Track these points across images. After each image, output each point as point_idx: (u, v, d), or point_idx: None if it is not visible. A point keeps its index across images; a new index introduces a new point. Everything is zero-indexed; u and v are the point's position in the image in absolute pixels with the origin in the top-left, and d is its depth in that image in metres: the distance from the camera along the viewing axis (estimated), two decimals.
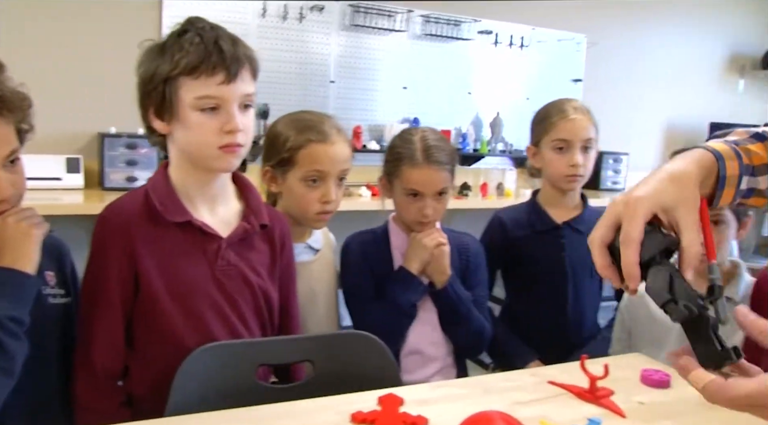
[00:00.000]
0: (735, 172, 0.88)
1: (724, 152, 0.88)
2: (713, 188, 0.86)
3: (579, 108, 1.78)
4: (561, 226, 1.79)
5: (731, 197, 0.89)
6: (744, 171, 0.89)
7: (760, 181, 0.91)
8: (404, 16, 3.61)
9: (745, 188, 0.90)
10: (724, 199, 0.89)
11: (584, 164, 1.75)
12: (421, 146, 1.55)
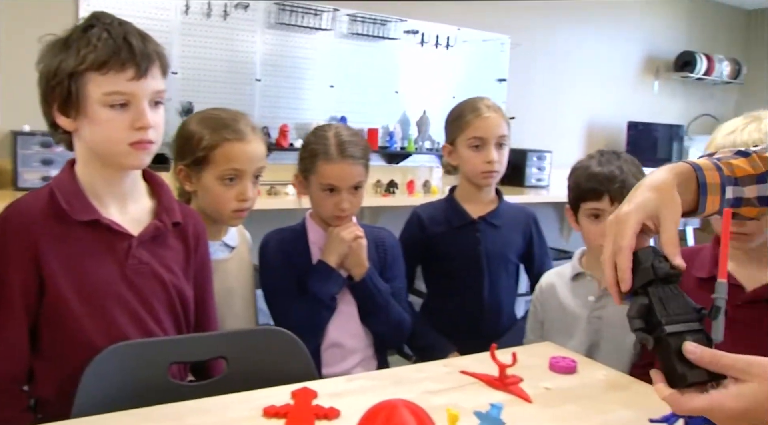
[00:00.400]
0: (716, 180, 0.95)
1: (702, 164, 0.96)
2: (696, 195, 0.93)
3: (491, 106, 1.83)
4: (477, 221, 1.85)
5: (717, 204, 0.96)
6: (726, 181, 0.96)
7: (745, 191, 0.98)
8: (330, 14, 3.62)
9: (731, 197, 0.97)
10: (710, 206, 0.95)
11: (499, 160, 1.81)
12: (335, 141, 1.57)
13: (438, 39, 4.03)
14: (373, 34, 3.78)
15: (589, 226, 1.58)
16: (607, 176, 1.53)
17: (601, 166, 1.55)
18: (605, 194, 1.53)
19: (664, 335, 0.82)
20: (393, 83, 3.92)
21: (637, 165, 1.59)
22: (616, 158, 1.57)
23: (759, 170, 1.00)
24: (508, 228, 1.87)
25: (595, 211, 1.56)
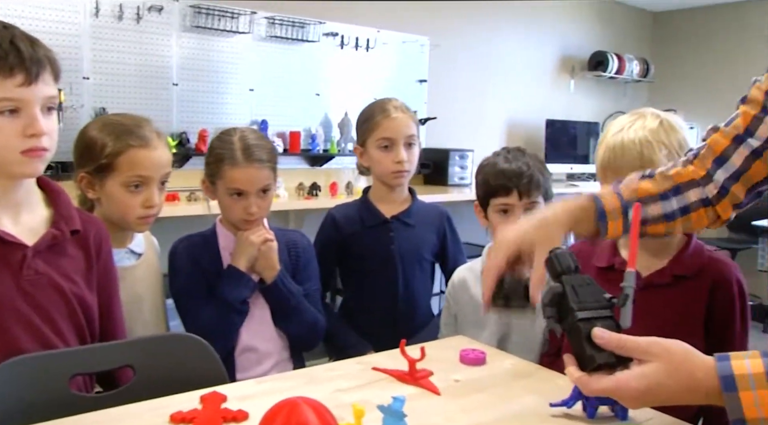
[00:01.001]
0: (615, 206, 1.06)
1: (603, 193, 1.07)
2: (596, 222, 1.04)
3: (399, 107, 1.86)
4: (390, 220, 1.88)
5: (620, 227, 1.06)
6: (627, 205, 1.05)
7: (648, 210, 1.07)
8: (248, 17, 3.59)
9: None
10: (613, 230, 1.06)
11: (409, 159, 1.85)
12: (240, 145, 1.57)
13: (358, 41, 4.05)
14: (292, 37, 3.77)
15: (498, 221, 1.62)
16: (516, 171, 1.57)
17: (509, 162, 1.59)
18: (514, 190, 1.57)
19: (575, 321, 0.88)
20: (314, 86, 3.92)
21: (541, 161, 1.65)
22: (521, 155, 1.62)
23: (662, 188, 1.09)
24: (421, 227, 1.91)
25: (505, 206, 1.60)
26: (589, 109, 5.55)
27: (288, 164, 3.79)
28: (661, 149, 1.32)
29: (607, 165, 1.37)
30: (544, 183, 1.59)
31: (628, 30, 5.92)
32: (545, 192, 1.60)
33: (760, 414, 0.77)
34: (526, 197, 1.57)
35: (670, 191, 1.10)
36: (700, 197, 1.10)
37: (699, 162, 1.12)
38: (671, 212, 1.09)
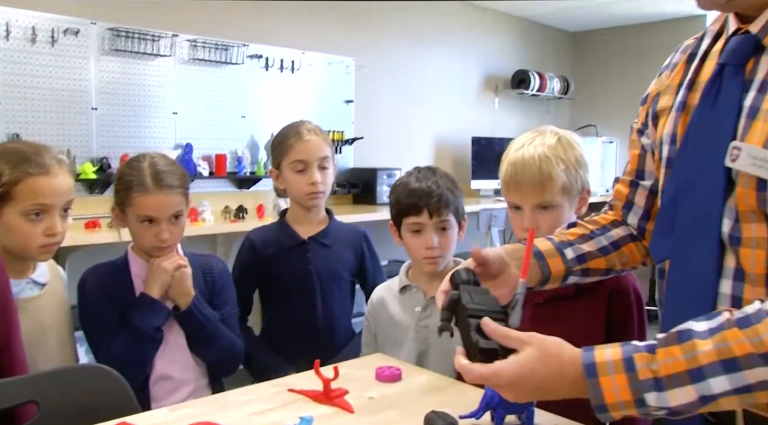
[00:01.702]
0: (550, 247, 1.14)
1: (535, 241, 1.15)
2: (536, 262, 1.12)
3: (313, 129, 1.89)
4: (307, 241, 1.89)
5: (561, 264, 1.14)
6: (560, 246, 1.15)
7: (584, 247, 1.16)
8: (169, 40, 3.55)
9: (574, 256, 1.15)
10: (555, 268, 1.14)
11: (323, 180, 1.87)
12: (150, 171, 1.55)
13: (283, 63, 4.06)
14: (216, 60, 3.75)
15: (411, 240, 1.65)
16: (425, 191, 1.61)
17: (419, 182, 1.63)
18: (424, 209, 1.61)
19: (466, 315, 0.94)
20: (239, 108, 3.90)
21: (452, 180, 1.69)
22: (432, 174, 1.65)
23: (589, 230, 1.20)
24: (339, 246, 1.93)
25: (416, 226, 1.63)
26: (514, 125, 5.71)
27: (214, 187, 3.75)
28: (558, 164, 1.39)
29: (509, 179, 1.42)
30: (454, 202, 1.63)
31: (548, 49, 6.13)
32: (455, 210, 1.64)
33: (617, 398, 0.81)
34: (437, 215, 1.60)
35: (597, 230, 1.20)
36: (626, 233, 1.19)
37: (613, 211, 1.23)
38: (604, 247, 1.18)
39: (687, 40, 1.12)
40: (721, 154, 0.90)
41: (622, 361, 0.82)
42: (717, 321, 0.81)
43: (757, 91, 0.89)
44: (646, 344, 0.84)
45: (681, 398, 0.79)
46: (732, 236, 0.91)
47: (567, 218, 1.41)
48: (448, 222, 1.63)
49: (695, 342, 0.80)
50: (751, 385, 0.77)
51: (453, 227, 1.66)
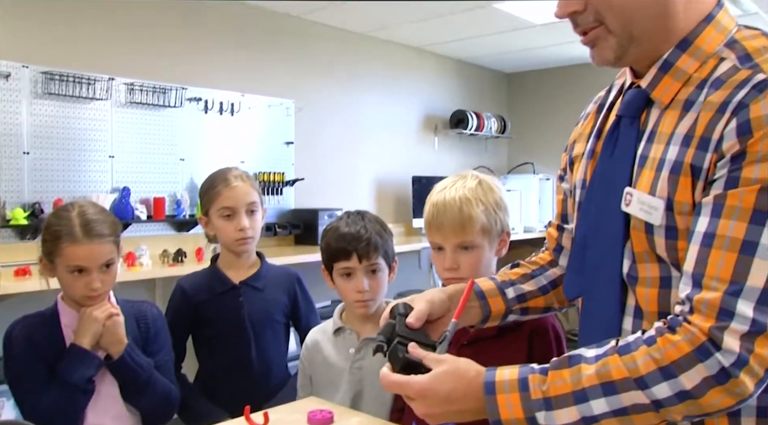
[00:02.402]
0: (492, 286, 1.21)
1: (479, 281, 1.21)
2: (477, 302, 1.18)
3: (239, 175, 1.91)
4: (239, 285, 1.90)
5: (501, 303, 1.21)
6: (502, 285, 1.22)
7: (524, 287, 1.23)
8: (105, 84, 3.53)
9: (514, 295, 1.22)
10: (496, 307, 1.20)
11: (251, 226, 1.90)
12: (79, 221, 1.55)
13: (222, 105, 4.08)
14: (154, 103, 3.74)
15: (342, 284, 1.68)
16: (354, 235, 1.64)
17: (348, 227, 1.66)
18: (353, 253, 1.64)
19: (397, 341, 1.02)
20: (178, 151, 3.89)
21: (381, 223, 1.73)
22: (360, 219, 1.69)
23: (530, 270, 1.27)
24: (271, 290, 1.94)
25: (346, 270, 1.66)
26: (454, 164, 5.83)
27: (152, 231, 3.71)
28: (478, 206, 1.46)
29: (431, 220, 1.48)
30: (383, 245, 1.66)
31: (485, 90, 6.33)
32: (385, 253, 1.68)
33: (511, 415, 0.89)
34: (366, 259, 1.64)
35: (537, 270, 1.28)
36: (561, 272, 1.25)
37: (548, 252, 1.30)
38: (543, 286, 1.26)
39: (600, 91, 1.21)
40: (620, 199, 0.97)
41: (518, 381, 0.89)
42: (603, 348, 0.88)
43: (647, 141, 0.96)
44: (541, 366, 0.91)
45: (566, 418, 0.86)
46: (630, 276, 0.98)
47: (487, 259, 1.47)
48: (378, 265, 1.67)
49: (581, 366, 0.87)
50: (627, 408, 0.84)
51: (383, 270, 1.70)
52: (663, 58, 0.95)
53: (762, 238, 0.80)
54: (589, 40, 0.98)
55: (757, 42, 0.91)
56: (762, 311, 0.79)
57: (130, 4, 3.68)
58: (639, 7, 0.93)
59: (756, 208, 0.81)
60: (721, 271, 0.82)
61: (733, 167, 0.83)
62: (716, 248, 0.83)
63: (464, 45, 5.42)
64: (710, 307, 0.82)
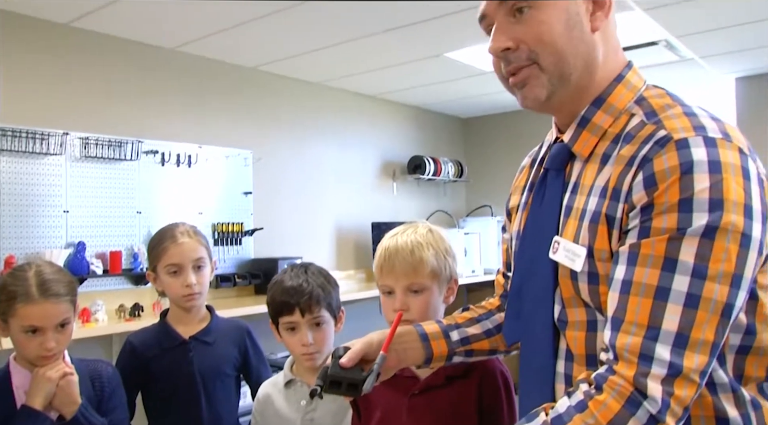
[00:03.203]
0: (436, 329, 1.25)
1: (424, 324, 1.27)
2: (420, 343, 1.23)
3: (187, 231, 1.93)
4: (188, 341, 1.91)
5: (445, 346, 1.25)
6: (447, 329, 1.26)
7: (469, 331, 1.28)
8: (60, 138, 3.53)
9: (458, 338, 1.26)
10: (438, 349, 1.24)
11: (199, 282, 1.91)
12: (35, 281, 1.55)
13: (179, 158, 4.09)
14: (110, 157, 3.74)
15: (288, 338, 1.68)
16: (297, 289, 1.65)
17: (291, 280, 1.67)
18: (296, 307, 1.64)
19: (329, 381, 1.11)
20: (135, 204, 3.88)
21: (325, 275, 1.74)
22: (303, 272, 1.70)
23: (477, 314, 1.33)
24: (221, 343, 1.95)
25: (291, 324, 1.67)
26: (413, 209, 5.91)
27: (108, 286, 3.66)
28: (429, 249, 1.51)
29: (383, 263, 1.53)
30: (326, 298, 1.68)
31: (442, 135, 6.46)
32: (329, 306, 1.69)
33: None
34: (309, 313, 1.65)
35: (484, 315, 1.33)
36: None
37: (496, 297, 1.37)
38: (489, 330, 1.31)
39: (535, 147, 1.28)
40: (549, 247, 1.03)
41: None
42: (535, 424, 0.91)
43: (571, 192, 1.03)
44: None
45: None
46: (560, 321, 1.03)
47: (436, 303, 1.51)
48: (322, 318, 1.67)
49: None
50: None
51: (328, 322, 1.70)
52: (581, 114, 1.03)
53: (673, 284, 0.85)
54: (520, 79, 1.03)
55: (661, 100, 0.99)
56: (677, 353, 0.84)
57: (84, 58, 3.71)
58: (570, 47, 0.99)
59: (667, 256, 0.86)
60: (639, 317, 0.87)
61: (644, 218, 0.89)
62: (633, 295, 0.88)
63: (420, 92, 5.56)
64: (631, 352, 0.87)
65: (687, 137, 0.89)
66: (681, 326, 0.84)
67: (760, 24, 3.80)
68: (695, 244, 0.85)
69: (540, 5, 0.99)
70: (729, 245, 0.85)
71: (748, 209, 0.86)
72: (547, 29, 0.98)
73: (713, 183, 0.85)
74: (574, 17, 0.99)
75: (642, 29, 3.85)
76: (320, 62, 4.50)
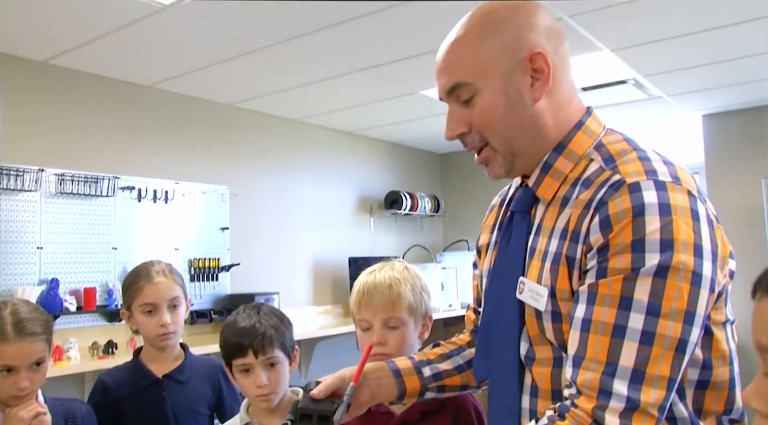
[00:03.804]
0: (408, 365, 1.27)
1: (396, 359, 1.29)
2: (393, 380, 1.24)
3: (162, 270, 1.91)
4: (162, 379, 1.89)
5: (418, 382, 1.27)
6: (419, 364, 1.28)
7: (441, 366, 1.31)
8: (34, 175, 3.52)
9: (431, 374, 1.29)
10: (411, 385, 1.26)
11: (174, 321, 1.89)
12: (11, 320, 1.53)
13: (156, 194, 4.10)
14: (86, 193, 3.73)
15: (242, 380, 1.63)
16: (249, 330, 1.61)
17: (244, 321, 1.63)
18: (249, 349, 1.59)
19: (299, 414, 1.13)
20: (110, 240, 3.86)
21: (278, 315, 1.70)
22: (255, 312, 1.66)
23: (448, 350, 1.36)
24: (195, 382, 1.93)
25: (244, 366, 1.61)
26: (390, 244, 5.94)
27: (82, 323, 3.62)
28: (406, 285, 1.55)
29: (361, 297, 1.55)
30: (279, 338, 1.63)
31: (418, 170, 6.53)
32: (282, 346, 1.64)
33: None
34: (262, 354, 1.60)
35: (455, 350, 1.36)
36: None
37: (467, 333, 1.40)
38: (460, 365, 1.33)
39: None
40: (515, 287, 1.06)
41: None
42: None
43: (535, 234, 1.07)
44: None
45: None
46: (528, 357, 1.06)
47: (412, 338, 1.53)
48: (276, 358, 1.63)
49: None
50: None
51: (282, 362, 1.65)
52: (543, 160, 1.08)
53: (629, 322, 0.90)
54: (482, 159, 1.12)
55: (618, 146, 1.04)
56: (634, 388, 0.88)
57: (61, 95, 3.72)
58: (514, 127, 1.06)
59: (622, 295, 0.91)
60: (597, 354, 0.91)
61: (601, 259, 0.94)
62: (593, 333, 0.92)
63: (396, 128, 5.63)
64: (591, 388, 0.90)
65: (639, 180, 0.94)
66: (637, 362, 0.88)
67: (725, 64, 3.94)
68: (649, 283, 0.89)
69: (482, 91, 1.05)
70: (681, 283, 0.89)
71: (697, 248, 0.90)
72: (490, 114, 1.05)
73: (663, 225, 0.90)
74: (514, 96, 1.05)
75: (611, 69, 3.97)
76: (297, 99, 4.56)
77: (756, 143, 5.00)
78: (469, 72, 1.05)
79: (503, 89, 1.05)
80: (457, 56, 1.07)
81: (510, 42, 1.04)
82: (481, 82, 1.05)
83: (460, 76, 1.06)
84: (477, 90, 1.05)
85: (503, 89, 1.05)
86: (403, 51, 3.58)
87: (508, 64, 1.04)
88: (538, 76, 1.05)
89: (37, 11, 2.94)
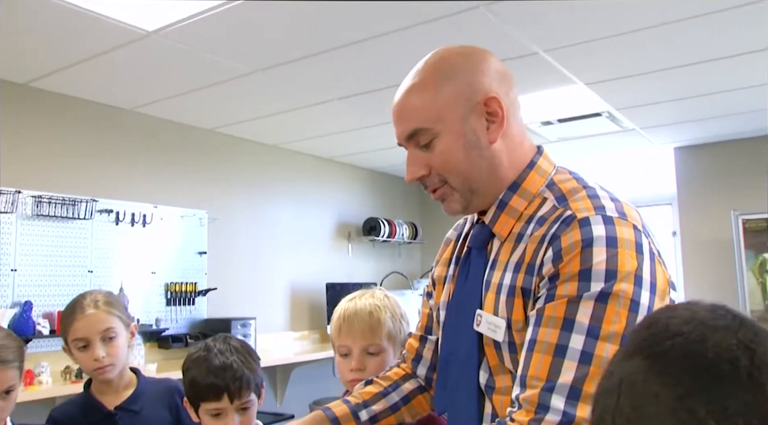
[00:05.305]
0: (345, 411, 1.31)
1: (332, 405, 1.32)
2: None
3: (94, 301, 1.79)
4: (114, 412, 1.79)
5: None
6: (356, 408, 1.31)
7: (376, 408, 1.33)
8: (11, 197, 3.50)
9: (367, 418, 1.31)
10: None
11: (109, 353, 1.76)
12: None
13: (134, 217, 4.09)
14: (63, 215, 3.72)
15: (211, 424, 1.51)
16: (223, 369, 1.50)
17: (217, 358, 1.52)
18: (224, 393, 1.49)
19: None
20: (86, 262, 3.84)
21: (248, 350, 1.60)
22: (228, 348, 1.56)
23: (383, 387, 1.37)
24: (150, 408, 1.80)
25: (216, 410, 1.50)
26: (368, 270, 5.95)
27: (55, 346, 3.57)
28: (386, 312, 1.58)
29: (341, 323, 1.58)
30: (254, 379, 1.55)
31: (397, 197, 6.58)
32: (255, 387, 1.56)
33: None
34: (238, 399, 1.50)
35: (390, 387, 1.37)
36: (415, 386, 1.38)
37: (405, 363, 1.41)
38: (395, 403, 1.35)
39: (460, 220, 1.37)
40: (473, 320, 1.11)
41: None
42: None
43: (490, 269, 1.13)
44: None
45: None
46: (488, 387, 1.11)
47: (390, 365, 1.55)
48: (250, 401, 1.54)
49: None
50: None
51: (254, 404, 1.57)
52: (499, 198, 1.14)
53: (570, 342, 0.95)
54: (438, 196, 1.17)
55: (569, 185, 1.11)
56: (571, 404, 0.92)
57: (40, 118, 3.72)
58: (472, 167, 1.12)
59: (566, 316, 0.96)
60: (539, 371, 0.96)
61: (550, 286, 1.00)
62: (537, 352, 0.97)
63: (374, 156, 5.69)
64: (530, 403, 0.95)
65: (588, 216, 1.01)
66: (575, 379, 0.93)
67: (697, 99, 4.06)
68: (590, 307, 0.95)
69: (440, 135, 1.11)
70: (620, 309, 0.94)
71: (638, 279, 0.96)
72: (449, 157, 1.11)
73: (609, 256, 0.96)
74: (471, 138, 1.11)
75: (586, 101, 4.07)
76: (277, 126, 4.60)
77: (727, 175, 5.13)
78: (427, 118, 1.11)
79: (461, 132, 1.10)
80: (414, 103, 1.13)
81: (464, 87, 1.10)
82: (440, 127, 1.11)
83: (419, 122, 1.12)
84: (436, 134, 1.11)
85: (461, 132, 1.10)
86: (380, 81, 3.64)
87: (464, 108, 1.10)
88: (492, 119, 1.11)
89: (17, 34, 2.96)
